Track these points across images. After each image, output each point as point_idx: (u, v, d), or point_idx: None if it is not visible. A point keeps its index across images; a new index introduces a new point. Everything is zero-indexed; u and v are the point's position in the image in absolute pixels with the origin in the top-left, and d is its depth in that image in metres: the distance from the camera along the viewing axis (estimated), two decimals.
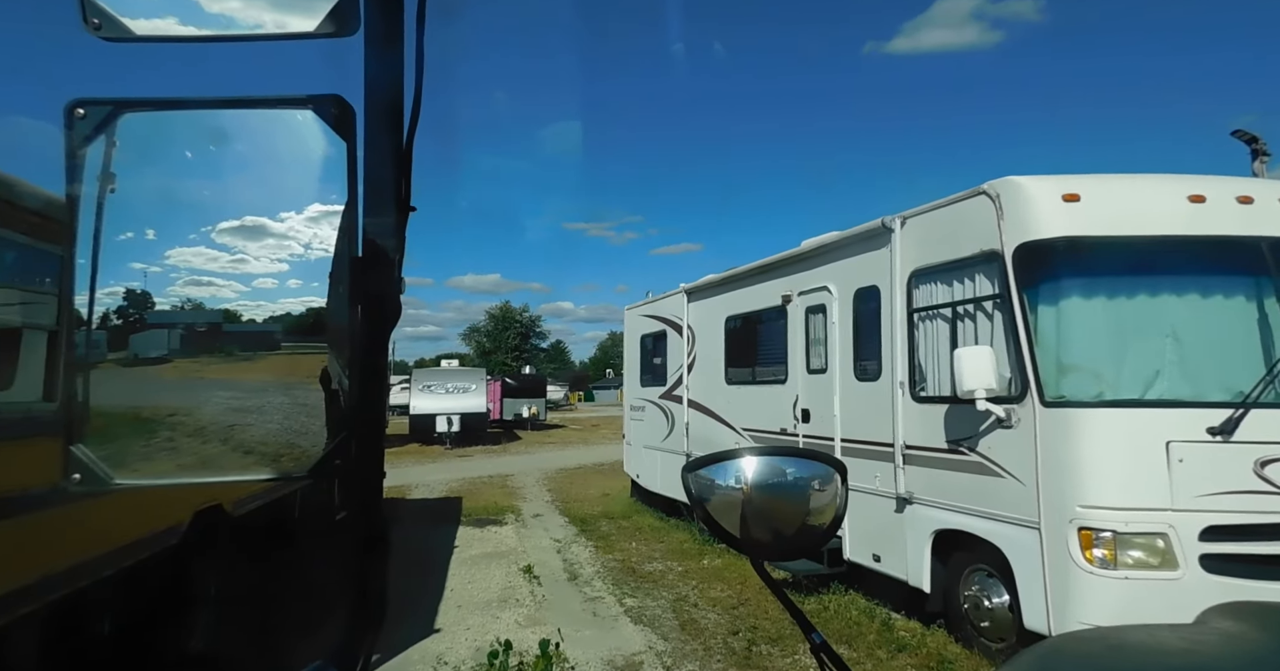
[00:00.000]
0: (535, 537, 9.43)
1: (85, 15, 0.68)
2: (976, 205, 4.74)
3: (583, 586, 7.03)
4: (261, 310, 0.71)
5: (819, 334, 6.75)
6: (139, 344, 0.73)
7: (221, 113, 0.72)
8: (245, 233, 0.70)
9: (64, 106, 0.67)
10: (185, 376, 0.72)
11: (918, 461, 5.21)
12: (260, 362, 0.75)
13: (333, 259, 0.70)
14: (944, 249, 5.06)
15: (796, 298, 7.08)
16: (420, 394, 23.95)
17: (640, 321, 11.38)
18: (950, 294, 5.03)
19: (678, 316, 9.85)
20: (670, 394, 10.10)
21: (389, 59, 0.72)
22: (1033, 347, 4.20)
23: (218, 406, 0.73)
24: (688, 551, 8.31)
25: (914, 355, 5.35)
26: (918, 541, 5.16)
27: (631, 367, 11.84)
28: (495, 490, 13.88)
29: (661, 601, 6.42)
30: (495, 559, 8.16)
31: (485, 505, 11.90)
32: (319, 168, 0.70)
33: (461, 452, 21.67)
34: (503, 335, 70.89)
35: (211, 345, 0.73)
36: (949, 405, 4.90)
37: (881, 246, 5.74)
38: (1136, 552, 3.64)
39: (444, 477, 15.80)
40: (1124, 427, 3.89)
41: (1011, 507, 4.27)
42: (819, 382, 6.66)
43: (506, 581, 7.18)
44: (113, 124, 0.68)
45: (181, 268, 0.70)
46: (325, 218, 0.70)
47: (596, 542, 9.03)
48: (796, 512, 1.02)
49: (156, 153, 0.72)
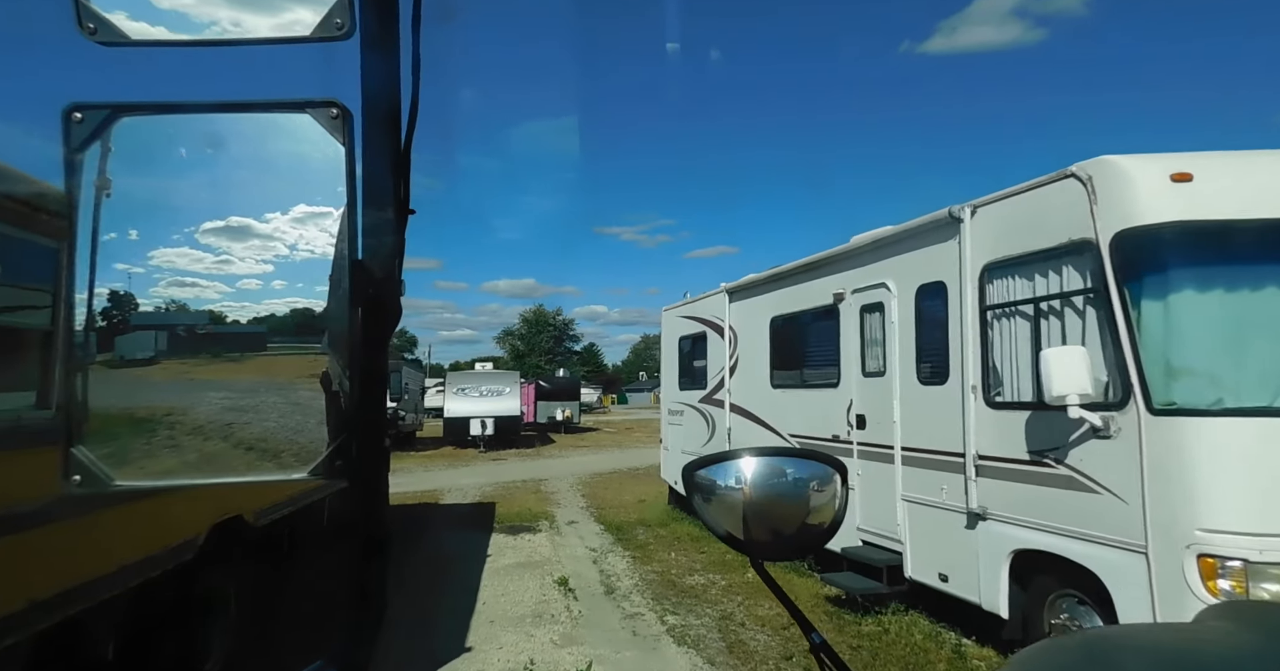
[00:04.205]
0: (570, 546, 9.09)
1: (80, 20, 0.68)
2: (1063, 190, 4.25)
3: (621, 601, 6.66)
4: (263, 312, 0.71)
5: (875, 334, 6.28)
6: (140, 346, 0.72)
7: (219, 117, 0.72)
8: (241, 235, 0.71)
9: (61, 110, 0.67)
10: (184, 377, 0.72)
11: (992, 473, 4.72)
12: (261, 364, 0.74)
13: (333, 262, 0.71)
14: (1023, 239, 4.57)
15: (850, 296, 6.62)
16: (455, 397, 23.87)
17: (678, 323, 10.99)
18: (1031, 289, 4.53)
19: (718, 317, 9.44)
20: (711, 397, 9.69)
21: (386, 62, 0.72)
22: (1136, 348, 3.70)
23: (216, 407, 0.72)
24: (730, 563, 7.87)
25: (988, 357, 4.87)
26: (993, 561, 4.67)
27: (669, 370, 11.44)
28: (529, 495, 13.60)
29: (706, 619, 6.02)
30: (529, 569, 7.84)
31: (519, 511, 11.61)
32: (317, 172, 0.70)
33: (495, 456, 21.50)
34: (536, 338, 71.29)
35: (211, 346, 0.73)
36: (1031, 412, 4.41)
37: (948, 239, 5.26)
38: (1275, 586, 3.12)
39: (477, 482, 15.59)
40: (1253, 439, 3.37)
41: (1111, 528, 3.77)
42: (876, 386, 6.18)
43: (541, 594, 6.84)
44: (110, 128, 0.68)
45: (182, 271, 0.70)
46: (323, 221, 0.71)
47: (634, 552, 8.65)
48: (797, 513, 1.02)
49: (154, 157, 0.72)
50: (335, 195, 0.69)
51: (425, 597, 6.80)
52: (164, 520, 3.91)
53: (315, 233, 0.71)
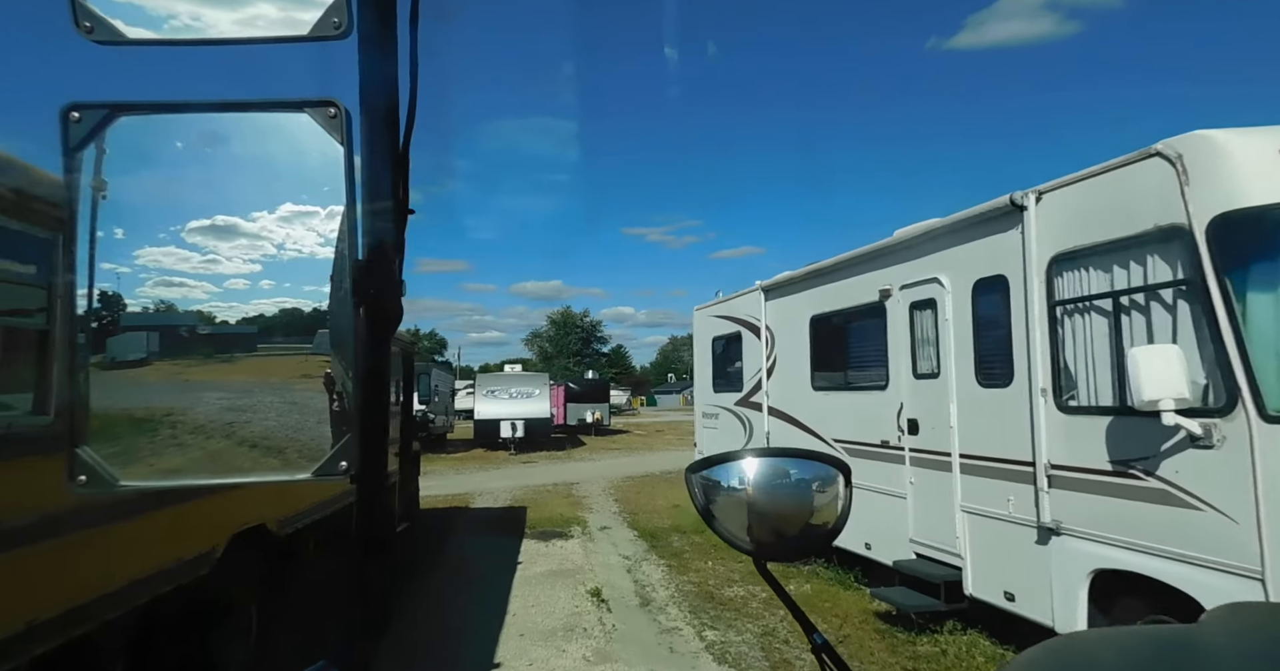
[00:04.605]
0: (603, 554, 8.80)
1: (77, 19, 0.68)
2: (1148, 171, 3.83)
3: (656, 614, 6.34)
4: (268, 311, 0.72)
5: (927, 333, 5.89)
6: (138, 347, 0.72)
7: (217, 117, 0.71)
8: (238, 236, 0.71)
9: (59, 110, 0.67)
10: (185, 378, 0.72)
11: (1068, 484, 4.30)
12: (263, 365, 0.74)
13: (333, 262, 0.71)
14: (1098, 227, 4.16)
15: (898, 292, 6.23)
16: (485, 399, 23.80)
17: (711, 322, 10.63)
18: (1108, 282, 4.12)
19: (754, 316, 9.08)
20: (747, 400, 9.33)
21: (384, 61, 0.72)
22: (1243, 346, 3.28)
23: (219, 408, 0.72)
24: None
25: (1058, 357, 4.46)
26: (1069, 581, 4.26)
27: (702, 372, 11.09)
28: (560, 500, 13.36)
29: (747, 635, 5.68)
30: (560, 578, 7.57)
31: (550, 516, 11.37)
32: (315, 171, 0.70)
33: (526, 459, 21.36)
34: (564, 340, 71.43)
35: (214, 348, 0.72)
36: (1113, 418, 4.00)
37: (1009, 228, 4.85)
38: None
39: (507, 485, 15.42)
40: None
41: (1217, 550, 3.35)
42: (929, 389, 5.79)
43: (573, 605, 6.56)
44: (108, 128, 0.68)
45: (181, 271, 0.70)
46: (321, 221, 0.71)
47: (669, 561, 8.34)
48: (800, 513, 1.02)
49: (152, 157, 0.72)
50: (334, 195, 0.69)
51: (453, 607, 6.57)
52: (182, 531, 3.72)
53: (314, 232, 0.71)
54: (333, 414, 0.70)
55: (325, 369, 0.71)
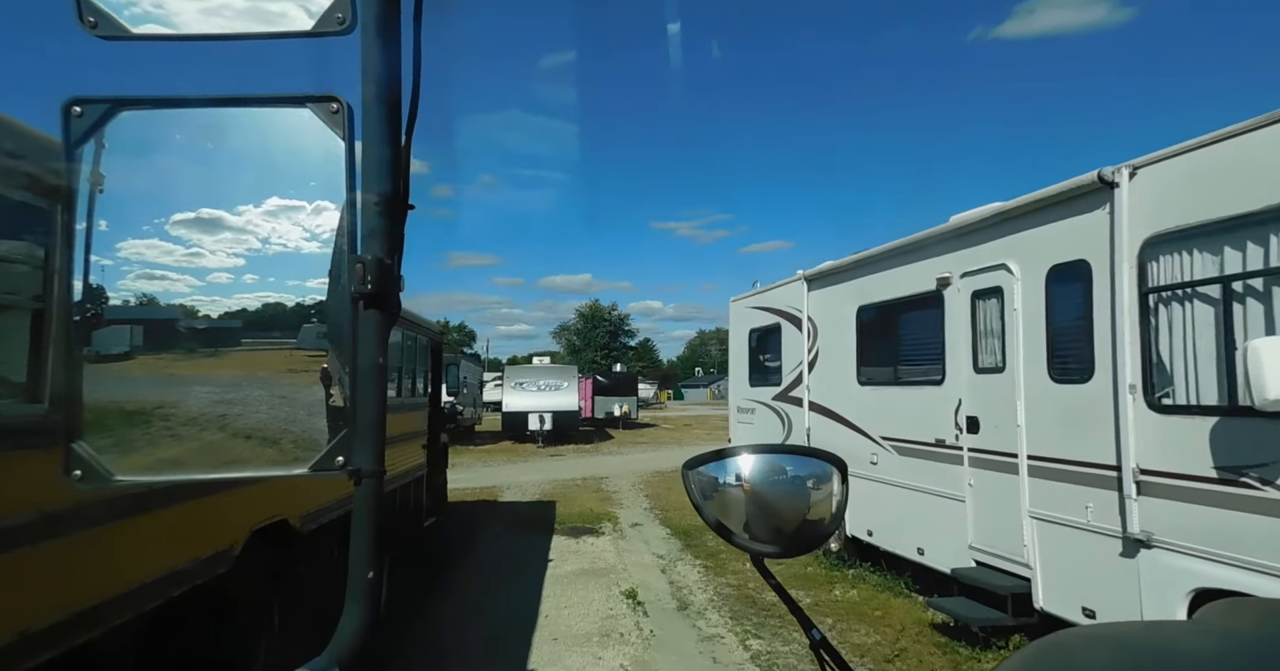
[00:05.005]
0: (636, 552, 8.51)
1: (81, 14, 0.68)
2: (1267, 140, 3.38)
3: (696, 619, 6.02)
4: (266, 308, 0.71)
5: (991, 323, 5.45)
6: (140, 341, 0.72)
7: (219, 111, 0.72)
8: (217, 228, 0.71)
9: (60, 104, 0.67)
10: (184, 372, 0.72)
11: (1161, 492, 3.87)
12: (262, 361, 0.73)
13: (332, 257, 0.70)
14: (1204, 204, 3.71)
15: (958, 280, 5.80)
16: (513, 391, 23.67)
17: (748, 314, 10.23)
18: (1217, 266, 3.67)
19: (795, 307, 8.67)
20: (786, 395, 8.94)
21: (387, 57, 0.71)
22: None
23: (215, 403, 0.71)
24: (813, 577, 7.15)
25: (1149, 350, 4.01)
26: (1163, 599, 3.83)
27: (738, 365, 10.69)
28: (589, 494, 13.11)
29: (794, 646, 5.32)
30: (593, 578, 7.28)
31: (580, 511, 11.11)
32: (317, 166, 0.69)
33: (554, 452, 21.19)
34: (592, 333, 71.33)
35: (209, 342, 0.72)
36: (1220, 418, 3.56)
37: (1094, 209, 4.40)
38: None
39: (536, 478, 15.22)
40: None
41: None
42: (992, 384, 5.36)
43: (607, 608, 6.27)
44: (109, 122, 0.68)
45: (180, 267, 0.70)
46: (321, 215, 0.70)
47: (705, 561, 8.01)
48: (797, 510, 1.00)
49: (154, 151, 0.72)
50: (335, 190, 0.69)
51: (483, 608, 6.31)
52: (199, 526, 3.48)
53: (313, 227, 0.71)
54: (330, 409, 0.70)
55: (319, 364, 0.71)
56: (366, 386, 0.69)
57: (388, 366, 0.73)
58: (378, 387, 0.70)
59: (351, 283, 0.68)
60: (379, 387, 0.70)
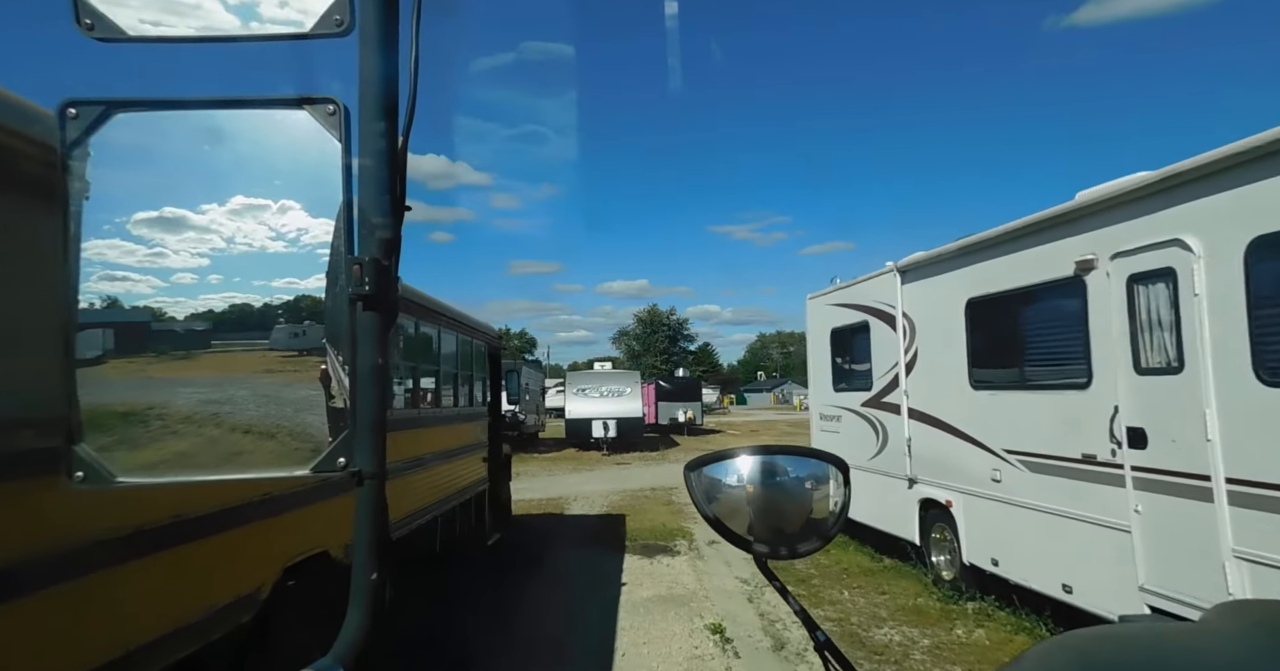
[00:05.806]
0: (717, 576, 7.72)
1: (78, 16, 0.68)
2: None
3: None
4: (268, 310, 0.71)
5: (1160, 314, 4.46)
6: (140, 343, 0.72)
7: (216, 113, 0.71)
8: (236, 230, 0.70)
9: (56, 106, 0.67)
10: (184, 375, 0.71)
11: None
12: (262, 361, 0.72)
13: (329, 258, 0.70)
14: None
15: (1107, 262, 4.82)
16: (575, 397, 23.21)
17: (829, 312, 9.31)
18: None
19: (887, 303, 7.74)
20: (879, 401, 8.01)
21: (384, 59, 0.71)
22: None
23: (217, 406, 0.71)
24: (925, 611, 6.22)
25: None
26: None
27: (819, 368, 9.77)
28: (659, 507, 12.38)
29: None
30: (672, 606, 6.54)
31: (652, 526, 10.39)
32: (314, 168, 0.69)
33: (619, 460, 20.58)
34: (651, 338, 70.90)
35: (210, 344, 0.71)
36: None
37: None
38: None
39: (603, 488, 14.59)
40: None
41: None
42: (1164, 388, 4.37)
43: (692, 646, 5.51)
44: (105, 124, 0.68)
45: (177, 269, 0.69)
46: (317, 217, 0.70)
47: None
48: (800, 511, 1.01)
49: (150, 153, 0.71)
50: (332, 191, 0.69)
51: (553, 641, 5.65)
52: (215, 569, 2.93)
53: (311, 229, 0.70)
54: (330, 411, 0.70)
55: (320, 365, 0.71)
56: (366, 387, 0.70)
57: (389, 367, 0.71)
58: (380, 388, 0.70)
59: (349, 284, 0.69)
60: (381, 388, 0.70)
